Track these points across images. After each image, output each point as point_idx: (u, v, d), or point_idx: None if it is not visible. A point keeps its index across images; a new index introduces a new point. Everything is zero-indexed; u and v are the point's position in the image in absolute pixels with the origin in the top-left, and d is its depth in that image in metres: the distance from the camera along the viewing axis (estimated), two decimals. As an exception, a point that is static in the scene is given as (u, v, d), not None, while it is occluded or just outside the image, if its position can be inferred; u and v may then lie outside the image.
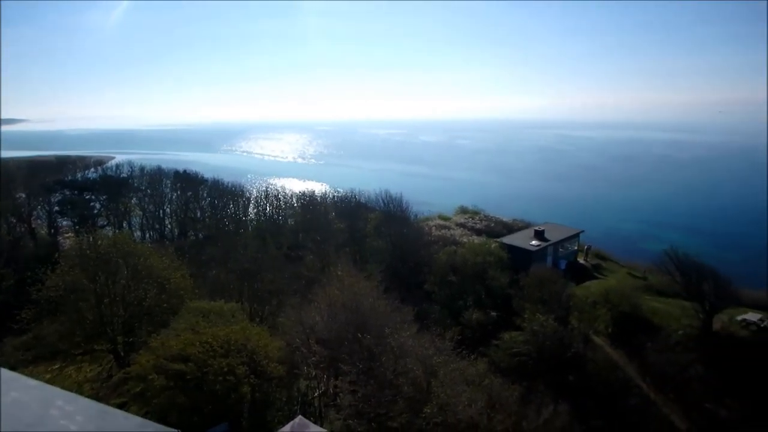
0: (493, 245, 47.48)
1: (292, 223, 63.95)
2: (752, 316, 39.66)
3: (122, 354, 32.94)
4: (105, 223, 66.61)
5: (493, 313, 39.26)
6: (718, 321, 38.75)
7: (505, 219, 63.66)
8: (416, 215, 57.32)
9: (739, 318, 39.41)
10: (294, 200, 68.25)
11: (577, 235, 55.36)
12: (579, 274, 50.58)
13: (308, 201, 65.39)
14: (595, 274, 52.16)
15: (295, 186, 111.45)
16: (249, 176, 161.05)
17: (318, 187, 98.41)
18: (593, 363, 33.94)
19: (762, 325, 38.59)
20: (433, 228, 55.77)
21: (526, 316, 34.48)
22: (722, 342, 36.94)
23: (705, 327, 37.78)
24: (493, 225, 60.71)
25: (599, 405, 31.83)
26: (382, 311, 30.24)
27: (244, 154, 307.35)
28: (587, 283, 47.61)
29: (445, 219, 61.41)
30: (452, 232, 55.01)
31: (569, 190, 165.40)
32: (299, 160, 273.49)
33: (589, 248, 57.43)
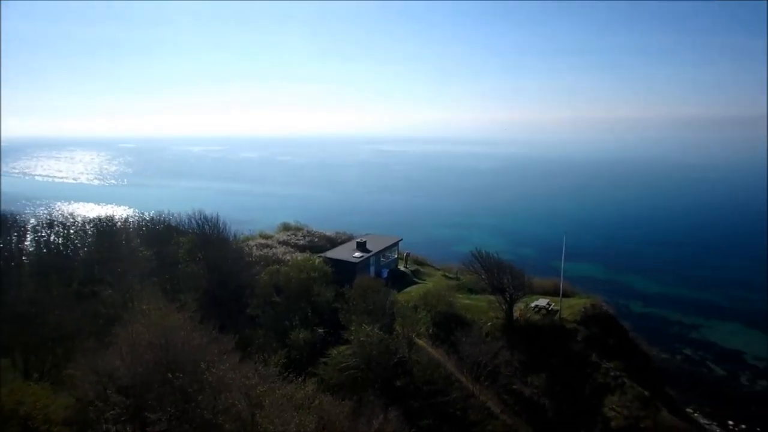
0: (317, 260, 47.41)
1: (85, 254, 55.07)
2: (542, 302, 46.52)
3: None
4: None
5: (321, 330, 38.99)
6: (517, 309, 44.50)
7: (328, 233, 64.36)
8: (236, 235, 54.38)
9: (533, 304, 45.86)
10: (87, 227, 58.92)
11: (396, 244, 58.68)
12: (400, 280, 53.59)
13: (106, 227, 57.05)
14: (415, 279, 55.86)
15: (89, 211, 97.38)
16: (28, 202, 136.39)
17: (119, 212, 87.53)
18: (418, 365, 35.92)
19: (550, 309, 45.50)
20: (255, 248, 53.52)
21: (352, 328, 34.93)
22: (521, 327, 42.56)
23: (508, 316, 43.02)
24: (316, 240, 60.83)
25: (426, 404, 33.75)
26: (197, 344, 27.49)
27: (22, 176, 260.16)
28: (408, 289, 50.65)
29: (267, 237, 59.53)
30: (275, 250, 53.50)
31: (389, 201, 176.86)
32: (96, 182, 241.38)
33: (408, 255, 61.35)
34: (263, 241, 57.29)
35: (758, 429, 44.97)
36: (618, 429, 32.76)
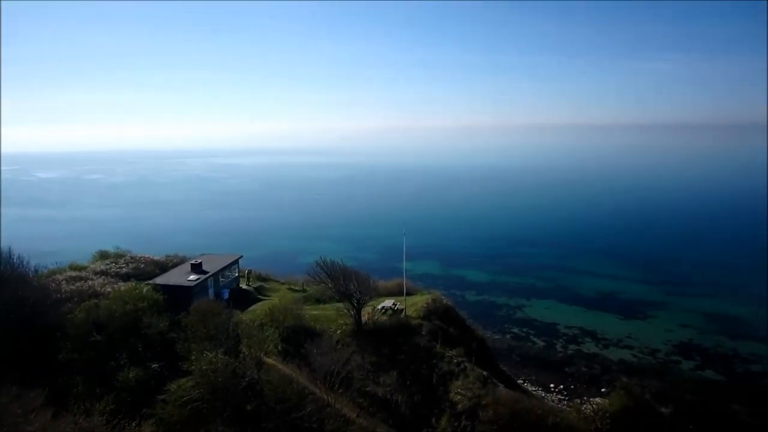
0: (144, 289, 43.14)
1: None
2: (388, 303, 48.78)
3: None
4: None
5: (155, 365, 35.52)
6: (365, 313, 45.93)
7: (156, 257, 58.98)
8: (37, 270, 46.75)
9: (379, 306, 47.84)
10: None
11: (236, 261, 56.33)
12: (244, 299, 51.52)
13: None
14: (260, 296, 54.24)
15: None
16: None
17: None
18: (269, 384, 34.86)
19: (395, 308, 47.94)
20: (64, 282, 46.54)
21: (192, 357, 32.57)
22: (370, 330, 44.06)
23: (357, 321, 44.18)
24: (143, 266, 55.29)
25: (280, 423, 32.90)
26: (-9, 407, 23.07)
27: None
28: (253, 307, 48.96)
29: (80, 269, 52.17)
30: (91, 282, 47.14)
31: (226, 217, 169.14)
32: None
33: (250, 272, 59.33)
34: (75, 273, 50.21)
35: (572, 386, 53.41)
36: (463, 410, 35.83)
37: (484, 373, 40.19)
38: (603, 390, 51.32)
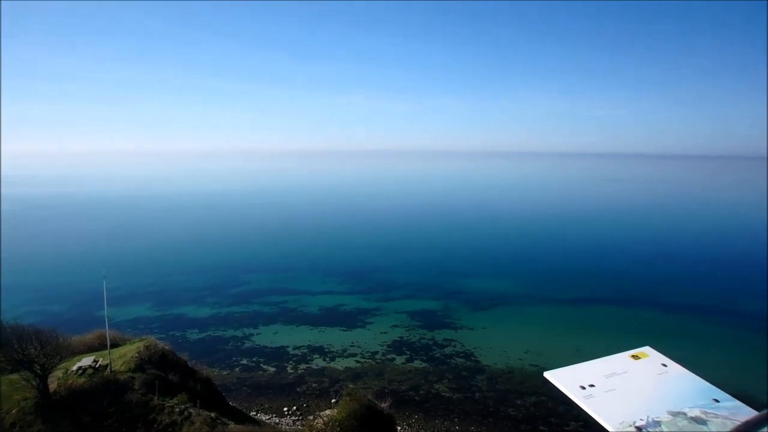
0: None
1: None
2: (87, 361, 41.75)
3: None
4: None
5: None
6: (54, 379, 38.28)
7: None
8: None
9: (74, 367, 40.53)
10: None
11: None
12: None
13: None
14: None
15: None
16: None
17: None
18: None
19: (97, 366, 41.33)
20: None
21: None
22: (64, 398, 36.85)
23: (42, 392, 36.37)
24: None
25: None
26: None
27: None
28: None
29: None
30: None
31: None
32: None
33: None
34: None
35: (304, 405, 55.43)
36: (191, 462, 33.12)
37: (212, 414, 38.11)
38: (333, 400, 54.68)
